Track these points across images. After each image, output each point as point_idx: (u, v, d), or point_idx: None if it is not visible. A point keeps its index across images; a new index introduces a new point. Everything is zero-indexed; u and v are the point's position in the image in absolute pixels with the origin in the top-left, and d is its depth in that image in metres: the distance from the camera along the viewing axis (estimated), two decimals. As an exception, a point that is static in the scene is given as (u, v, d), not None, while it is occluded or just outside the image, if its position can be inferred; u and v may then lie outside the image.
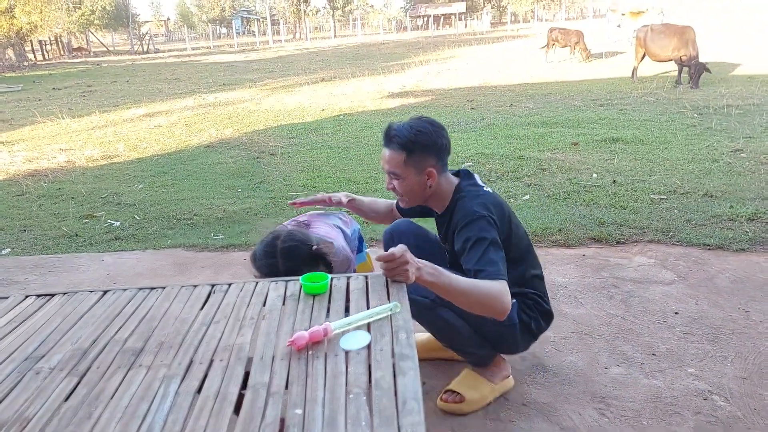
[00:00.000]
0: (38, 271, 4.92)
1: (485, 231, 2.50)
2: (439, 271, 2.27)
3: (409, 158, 2.64)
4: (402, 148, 2.64)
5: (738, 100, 11.28)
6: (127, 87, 21.65)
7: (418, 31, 65.41)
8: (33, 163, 9.37)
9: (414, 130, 2.64)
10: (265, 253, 2.70)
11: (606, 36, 27.25)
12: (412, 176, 2.69)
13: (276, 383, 1.64)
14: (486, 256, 2.43)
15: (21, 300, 2.32)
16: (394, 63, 24.24)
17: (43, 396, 1.66)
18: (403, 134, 2.64)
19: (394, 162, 2.68)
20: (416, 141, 2.62)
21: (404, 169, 2.67)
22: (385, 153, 2.71)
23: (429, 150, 2.65)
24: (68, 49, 53.96)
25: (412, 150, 2.63)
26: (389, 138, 2.70)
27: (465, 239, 2.51)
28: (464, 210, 2.59)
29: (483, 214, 2.54)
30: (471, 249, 2.48)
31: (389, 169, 2.72)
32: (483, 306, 2.36)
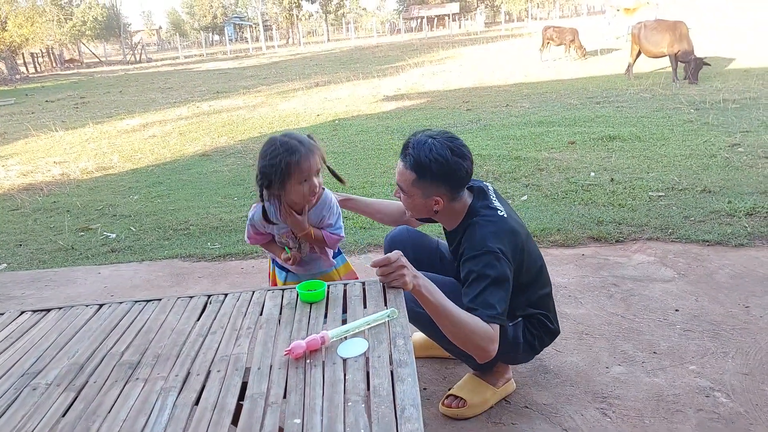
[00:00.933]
0: (35, 286, 4.91)
1: (490, 267, 2.41)
2: (436, 289, 2.27)
3: (418, 181, 2.52)
4: (413, 170, 2.51)
5: (734, 95, 11.29)
6: (121, 97, 21.64)
7: (411, 33, 65.50)
8: (27, 177, 9.36)
9: (432, 155, 2.46)
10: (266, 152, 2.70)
11: (604, 33, 27.24)
12: (418, 197, 2.59)
13: (274, 393, 1.63)
14: (483, 295, 2.38)
15: (17, 316, 2.31)
16: (389, 66, 24.25)
17: (41, 412, 1.65)
18: (418, 156, 2.49)
19: (402, 178, 2.57)
20: (429, 169, 2.48)
21: (411, 189, 2.57)
22: (399, 164, 2.59)
23: (441, 180, 2.52)
24: (60, 61, 53.98)
25: (423, 175, 2.50)
26: (405, 152, 2.56)
27: (468, 271, 2.45)
28: (474, 240, 2.49)
29: (492, 249, 2.43)
30: (471, 284, 2.42)
31: (398, 181, 2.62)
32: (465, 341, 2.36)
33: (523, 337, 2.72)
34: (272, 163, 2.62)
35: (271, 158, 2.63)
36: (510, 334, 2.63)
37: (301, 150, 2.63)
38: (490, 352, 2.36)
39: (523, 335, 2.72)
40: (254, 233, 2.97)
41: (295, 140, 2.67)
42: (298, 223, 2.81)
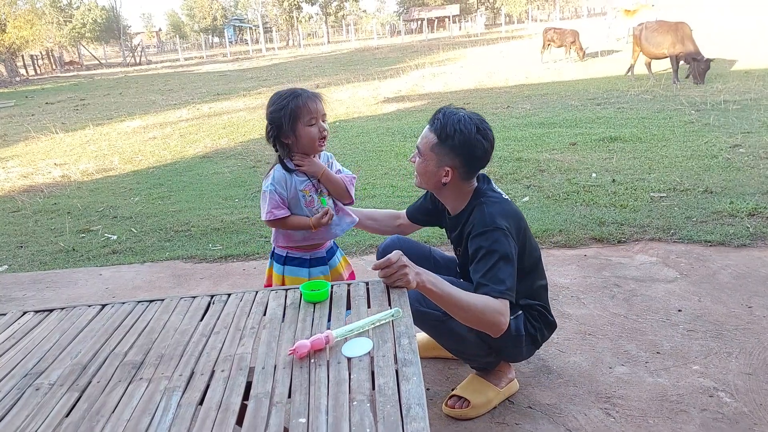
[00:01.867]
0: (36, 287, 4.90)
1: (499, 243, 2.47)
2: (440, 280, 2.29)
3: (437, 146, 2.64)
4: (436, 134, 2.64)
5: (735, 96, 11.29)
6: (121, 99, 21.64)
7: (411, 35, 65.46)
8: (28, 179, 9.36)
9: (458, 126, 2.59)
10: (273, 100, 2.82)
11: (605, 34, 27.23)
12: (431, 164, 2.68)
13: (279, 392, 1.62)
14: (493, 270, 2.42)
15: (19, 316, 2.30)
16: (389, 68, 24.25)
17: (44, 412, 1.64)
18: (445, 123, 2.61)
19: (424, 140, 2.70)
20: (451, 136, 2.59)
21: (428, 153, 2.68)
22: (425, 129, 2.73)
23: (458, 151, 2.61)
24: (60, 63, 53.97)
25: (443, 141, 2.61)
26: (434, 118, 2.69)
27: (477, 247, 2.50)
28: (483, 217, 2.56)
29: (500, 226, 2.51)
30: (481, 260, 2.47)
31: (418, 143, 2.74)
32: (478, 322, 2.40)
33: (525, 330, 2.74)
34: (280, 106, 2.75)
35: (279, 103, 2.77)
36: (512, 328, 2.64)
37: (305, 92, 2.79)
38: (502, 325, 2.39)
39: (525, 329, 2.74)
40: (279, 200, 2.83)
41: (299, 89, 2.81)
42: (314, 162, 2.84)
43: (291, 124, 2.74)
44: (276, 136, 2.82)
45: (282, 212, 2.82)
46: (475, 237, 2.52)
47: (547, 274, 4.27)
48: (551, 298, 3.89)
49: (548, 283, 2.98)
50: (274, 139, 2.84)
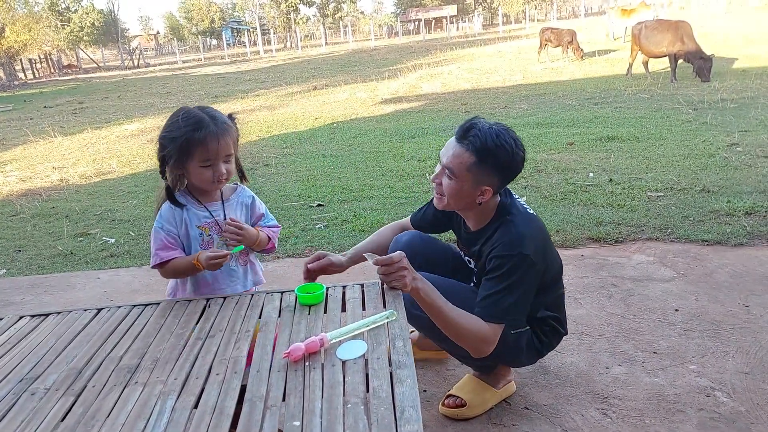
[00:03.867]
0: (34, 291, 4.90)
1: (518, 271, 2.39)
2: (435, 291, 2.29)
3: (476, 165, 2.40)
4: (475, 153, 2.39)
5: (732, 94, 11.31)
6: (119, 102, 21.64)
7: (409, 36, 65.44)
8: (26, 183, 9.35)
9: (499, 141, 2.39)
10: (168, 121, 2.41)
11: (607, 33, 27.22)
12: (468, 184, 2.44)
13: (273, 395, 1.63)
14: (500, 294, 2.39)
15: (15, 321, 2.31)
16: (387, 69, 24.26)
17: (40, 416, 1.65)
18: (485, 140, 2.38)
19: (458, 161, 2.42)
20: (494, 155, 2.39)
21: (464, 173, 2.42)
22: (453, 146, 2.46)
23: (500, 169, 2.44)
24: (58, 67, 53.98)
25: (485, 160, 2.39)
26: (467, 134, 2.43)
27: (496, 266, 2.41)
28: (510, 238, 2.43)
29: (526, 252, 2.40)
30: (493, 278, 2.41)
31: (449, 164, 2.45)
32: (459, 341, 2.42)
33: (528, 344, 2.67)
34: (171, 136, 2.31)
35: (171, 130, 2.33)
36: (510, 341, 2.56)
37: (209, 127, 2.29)
38: (483, 353, 2.41)
39: (529, 342, 2.67)
40: (167, 240, 2.41)
41: (206, 114, 2.33)
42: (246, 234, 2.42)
43: (180, 159, 2.32)
44: (163, 161, 2.39)
45: (171, 253, 2.40)
46: (497, 257, 2.41)
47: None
48: (548, 298, 3.91)
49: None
50: (162, 162, 2.40)
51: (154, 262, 2.41)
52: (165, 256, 2.38)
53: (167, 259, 2.38)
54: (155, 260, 2.40)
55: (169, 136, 2.32)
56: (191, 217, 2.43)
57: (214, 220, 2.45)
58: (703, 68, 13.38)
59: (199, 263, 2.32)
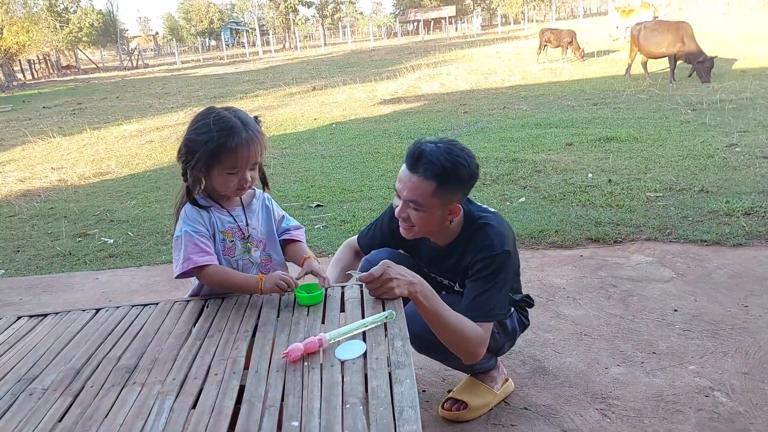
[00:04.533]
0: (32, 292, 4.89)
1: (503, 268, 2.42)
2: (435, 295, 2.26)
3: (438, 189, 2.31)
4: (434, 178, 2.30)
5: (731, 95, 11.31)
6: (118, 103, 21.64)
7: (408, 37, 65.50)
8: (25, 183, 9.35)
9: (452, 158, 2.31)
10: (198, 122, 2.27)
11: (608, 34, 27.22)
12: (436, 210, 2.37)
13: (272, 396, 1.62)
14: (489, 293, 2.40)
15: (13, 321, 2.30)
16: (385, 69, 24.25)
17: (37, 417, 1.64)
18: (439, 162, 2.29)
19: (419, 191, 2.32)
20: (453, 173, 2.31)
21: (430, 201, 2.34)
22: (409, 178, 2.34)
23: (461, 184, 2.39)
24: (57, 67, 53.93)
25: (446, 182, 2.31)
26: (419, 161, 2.32)
27: (481, 267, 2.41)
28: (490, 239, 2.43)
29: (507, 249, 2.42)
30: (480, 279, 2.41)
31: (410, 197, 2.35)
32: (457, 346, 2.40)
33: (519, 324, 2.78)
34: (202, 139, 2.19)
35: (202, 133, 2.21)
36: (509, 327, 2.68)
37: (241, 133, 2.19)
38: (479, 356, 2.41)
39: (519, 323, 2.78)
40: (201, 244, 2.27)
41: (237, 119, 2.22)
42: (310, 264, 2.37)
43: (206, 163, 2.22)
44: (188, 164, 2.26)
45: (206, 258, 2.26)
46: (483, 259, 2.41)
47: (542, 274, 4.31)
48: (547, 299, 3.92)
49: (544, 284, 2.99)
50: (184, 165, 2.28)
51: (185, 267, 2.23)
52: (200, 261, 2.23)
53: (203, 264, 2.24)
54: (187, 265, 2.22)
55: (200, 139, 2.20)
56: (216, 220, 2.33)
57: (237, 225, 2.37)
58: (703, 69, 13.38)
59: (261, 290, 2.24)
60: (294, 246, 2.54)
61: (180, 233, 2.27)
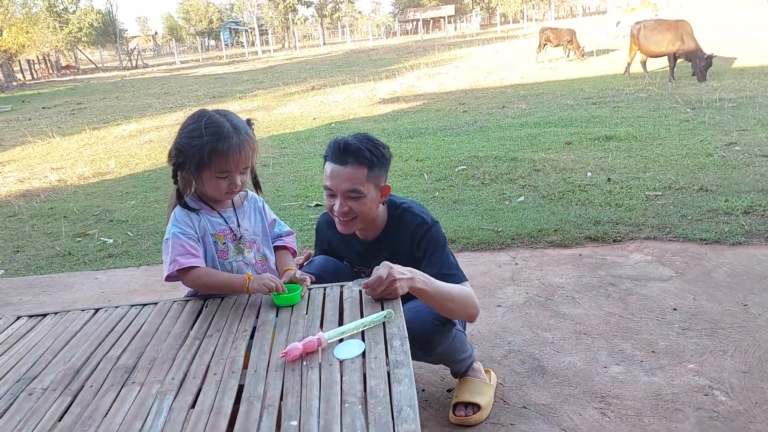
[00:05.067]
0: (32, 292, 4.89)
1: (442, 236, 2.61)
2: (429, 278, 2.32)
3: (370, 173, 2.46)
4: (364, 163, 2.44)
5: (730, 94, 11.31)
6: (117, 103, 21.63)
7: (407, 36, 65.51)
8: (24, 184, 9.35)
9: (372, 143, 2.50)
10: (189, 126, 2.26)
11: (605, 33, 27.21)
12: (372, 193, 2.51)
13: (270, 395, 1.62)
14: (450, 260, 2.55)
15: (13, 321, 2.30)
16: (384, 69, 24.25)
17: (37, 416, 1.64)
18: (365, 148, 2.45)
19: (356, 179, 2.44)
20: (378, 154, 2.49)
21: (366, 185, 2.47)
22: (342, 171, 2.45)
23: (386, 164, 2.55)
24: (57, 68, 53.94)
25: (374, 164, 2.47)
26: (347, 153, 2.45)
27: (427, 245, 2.57)
28: (418, 217, 2.62)
29: (436, 221, 2.62)
30: (434, 255, 2.55)
31: (350, 187, 2.45)
32: (463, 314, 2.49)
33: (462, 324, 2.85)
34: (192, 144, 2.19)
35: (193, 137, 2.20)
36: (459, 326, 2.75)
37: (232, 138, 2.19)
38: (477, 313, 2.54)
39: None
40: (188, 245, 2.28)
41: (229, 123, 2.22)
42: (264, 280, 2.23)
43: (196, 168, 2.23)
44: (179, 166, 2.29)
45: (191, 260, 2.25)
46: (423, 237, 2.57)
47: (541, 273, 4.30)
48: (546, 298, 3.92)
49: (543, 283, 2.99)
50: (176, 167, 2.30)
51: (171, 269, 2.24)
52: (186, 263, 2.23)
53: (188, 266, 2.23)
54: (173, 267, 2.23)
55: (190, 143, 2.19)
56: (206, 223, 2.34)
57: (228, 227, 2.37)
58: (701, 68, 13.37)
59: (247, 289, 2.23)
60: (282, 254, 2.56)
61: (168, 235, 2.30)
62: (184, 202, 2.33)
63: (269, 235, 2.53)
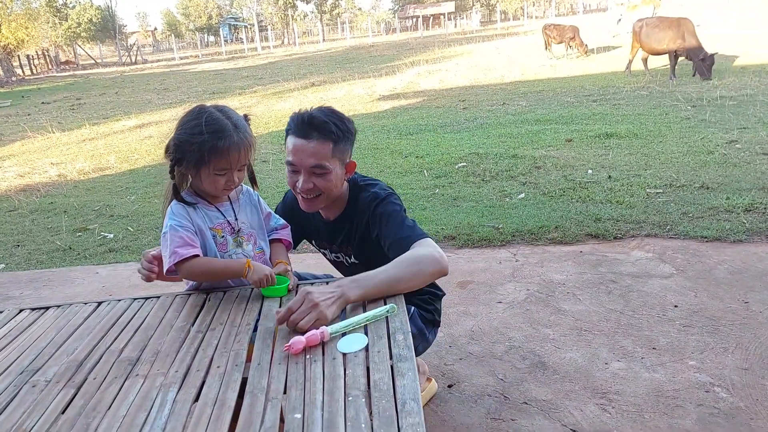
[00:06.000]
0: (33, 286, 4.90)
1: (397, 203, 2.46)
2: (363, 278, 2.10)
3: (335, 148, 2.38)
4: (329, 137, 2.35)
5: (731, 91, 11.31)
6: (117, 98, 21.62)
7: (407, 33, 65.41)
8: (24, 178, 9.35)
9: (337, 116, 2.42)
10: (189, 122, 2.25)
11: (607, 30, 27.18)
12: (337, 168, 2.43)
13: (274, 388, 1.62)
14: (405, 222, 2.37)
15: (15, 314, 2.30)
16: (384, 65, 24.23)
17: (40, 408, 1.64)
18: (330, 121, 2.37)
19: (320, 154, 2.35)
20: (342, 129, 2.39)
21: (332, 161, 2.39)
22: (306, 145, 2.35)
23: (350, 139, 2.47)
24: (56, 63, 53.79)
25: (338, 139, 2.38)
26: (311, 126, 2.35)
27: (381, 213, 2.42)
28: (373, 190, 2.52)
29: (392, 191, 2.53)
30: (389, 222, 2.39)
31: (314, 162, 2.36)
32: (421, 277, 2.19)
33: (423, 322, 2.63)
34: (191, 141, 2.19)
35: (193, 134, 2.20)
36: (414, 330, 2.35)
37: (232, 137, 2.19)
38: (442, 260, 2.21)
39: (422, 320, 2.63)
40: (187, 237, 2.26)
41: (228, 121, 2.22)
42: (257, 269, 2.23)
43: (195, 165, 2.23)
44: (177, 162, 2.30)
45: (191, 251, 2.23)
46: (378, 209, 2.44)
47: (543, 270, 4.30)
48: (547, 294, 3.92)
49: (544, 280, 2.98)
50: (174, 163, 2.31)
51: (171, 261, 2.20)
52: (185, 254, 2.20)
53: (187, 256, 2.20)
54: (173, 259, 2.19)
55: (191, 140, 2.19)
56: (203, 217, 2.33)
57: (226, 220, 2.37)
58: (703, 66, 13.36)
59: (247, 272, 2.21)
60: (276, 246, 2.54)
61: (166, 229, 2.28)
62: (181, 197, 2.33)
63: (264, 228, 2.52)
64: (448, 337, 3.51)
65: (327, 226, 2.66)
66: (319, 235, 2.75)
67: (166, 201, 2.39)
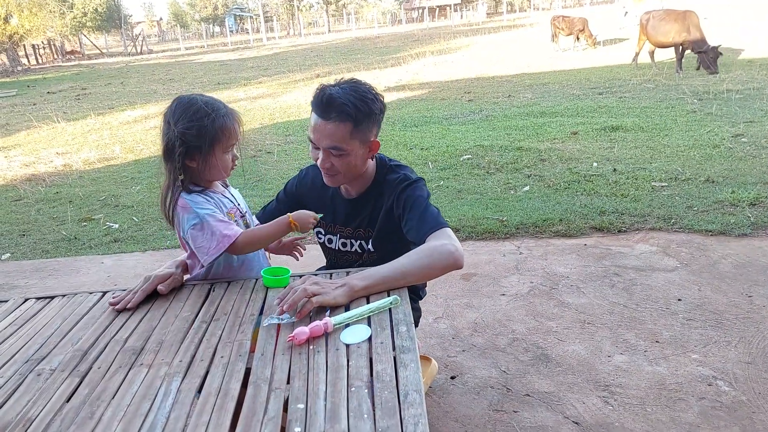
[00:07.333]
0: (38, 275, 4.92)
1: (424, 191, 2.41)
2: (369, 270, 2.11)
3: (356, 129, 2.32)
4: (349, 119, 2.29)
5: (738, 85, 11.27)
6: (122, 89, 21.61)
7: (413, 24, 65.27)
8: (30, 168, 9.37)
9: (360, 95, 2.31)
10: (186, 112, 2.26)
11: (614, 22, 27.10)
12: (358, 150, 2.37)
13: (277, 378, 1.63)
14: (429, 209, 2.33)
15: (21, 303, 2.31)
16: (390, 57, 24.19)
17: (45, 397, 1.65)
18: (349, 102, 2.28)
19: (338, 136, 2.30)
20: (366, 111, 2.32)
21: (351, 142, 2.33)
22: (325, 126, 2.30)
23: (375, 119, 2.40)
24: (61, 53, 53.86)
25: (361, 120, 2.31)
26: (329, 107, 2.29)
27: (407, 197, 2.38)
28: (402, 173, 2.49)
29: (420, 177, 2.47)
30: (413, 208, 2.34)
31: (331, 144, 2.32)
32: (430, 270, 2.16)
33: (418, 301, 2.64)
34: (201, 124, 2.20)
35: (199, 118, 2.21)
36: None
37: (226, 110, 2.27)
38: (456, 252, 2.14)
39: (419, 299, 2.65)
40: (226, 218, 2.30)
41: (217, 101, 2.29)
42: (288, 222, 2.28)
43: (210, 144, 2.23)
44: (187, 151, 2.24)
45: (236, 229, 2.26)
46: (404, 192, 2.40)
47: (546, 263, 4.31)
48: (551, 287, 3.92)
49: (548, 272, 2.97)
50: (182, 156, 2.24)
51: (225, 244, 2.20)
52: (234, 233, 2.22)
53: (237, 235, 2.22)
54: (226, 242, 2.20)
55: (199, 125, 2.20)
56: (218, 203, 2.32)
57: (235, 206, 2.40)
58: (708, 59, 13.31)
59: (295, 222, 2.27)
60: None
61: (197, 220, 2.25)
62: (189, 188, 2.29)
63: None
64: (451, 329, 3.52)
65: (347, 204, 2.60)
66: (334, 216, 2.65)
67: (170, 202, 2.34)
